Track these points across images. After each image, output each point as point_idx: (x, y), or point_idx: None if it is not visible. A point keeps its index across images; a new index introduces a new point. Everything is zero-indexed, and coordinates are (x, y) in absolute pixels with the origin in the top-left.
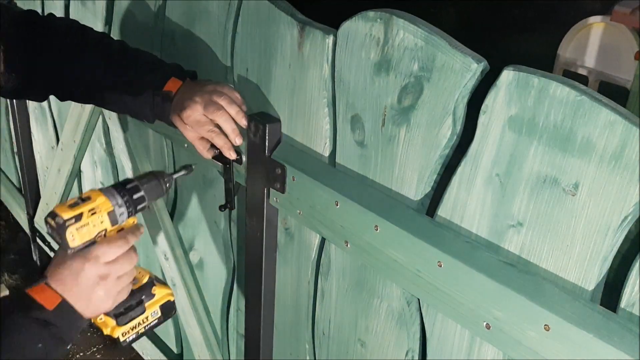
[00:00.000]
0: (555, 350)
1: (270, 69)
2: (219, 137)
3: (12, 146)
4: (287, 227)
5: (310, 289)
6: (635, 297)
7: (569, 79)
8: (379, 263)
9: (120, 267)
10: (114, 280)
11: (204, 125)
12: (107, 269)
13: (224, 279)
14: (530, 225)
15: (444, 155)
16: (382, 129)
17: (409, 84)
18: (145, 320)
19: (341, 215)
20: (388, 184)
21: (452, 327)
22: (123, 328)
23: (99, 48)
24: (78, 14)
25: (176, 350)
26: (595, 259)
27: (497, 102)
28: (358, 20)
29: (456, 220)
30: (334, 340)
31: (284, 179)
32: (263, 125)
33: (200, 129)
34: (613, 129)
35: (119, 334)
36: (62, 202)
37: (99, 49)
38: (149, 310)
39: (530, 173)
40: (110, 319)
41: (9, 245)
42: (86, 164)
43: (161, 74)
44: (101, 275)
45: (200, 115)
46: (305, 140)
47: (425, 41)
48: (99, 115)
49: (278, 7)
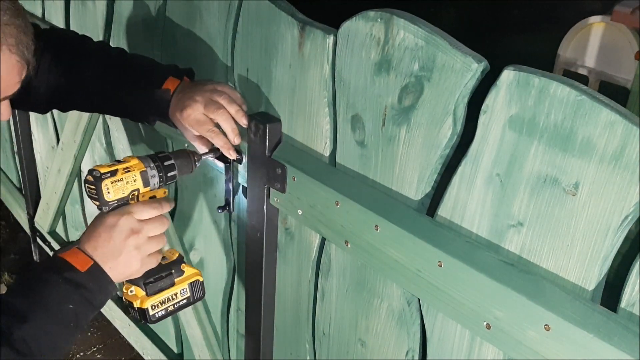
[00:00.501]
0: (556, 350)
1: (271, 68)
2: (219, 136)
3: (12, 146)
4: (288, 227)
5: (311, 289)
6: (635, 297)
7: (569, 78)
8: (379, 263)
9: (152, 228)
10: (145, 239)
11: (204, 125)
12: (140, 225)
13: (224, 278)
14: (531, 225)
15: (444, 155)
16: (383, 129)
17: (409, 84)
18: (174, 297)
19: (341, 215)
20: (388, 184)
21: (452, 327)
22: (152, 299)
23: (99, 57)
24: (78, 14)
25: (176, 350)
26: (596, 259)
27: (497, 102)
28: (358, 20)
29: (456, 220)
30: (334, 340)
31: (284, 178)
32: (263, 125)
33: (200, 128)
34: (613, 129)
35: (149, 305)
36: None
37: (99, 58)
38: (178, 286)
39: (530, 173)
40: (140, 289)
41: (9, 245)
42: (86, 164)
43: (158, 75)
44: (134, 229)
45: (200, 115)
46: (305, 140)
47: (425, 41)
48: (99, 115)
49: (278, 6)
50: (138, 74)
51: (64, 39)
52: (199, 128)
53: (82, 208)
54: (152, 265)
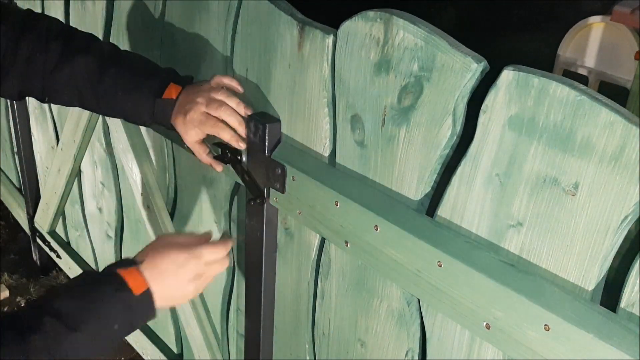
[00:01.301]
0: (555, 350)
1: (270, 68)
2: (225, 130)
3: (12, 146)
4: (287, 227)
5: (310, 289)
6: (635, 297)
7: (569, 79)
8: (379, 263)
9: (216, 269)
10: (207, 281)
11: (208, 121)
12: (205, 269)
13: (224, 278)
14: (530, 225)
15: (443, 155)
16: (382, 129)
17: (408, 84)
18: None
19: (341, 215)
20: (388, 184)
21: (452, 327)
22: None
23: (90, 51)
24: (78, 14)
25: (176, 350)
26: (595, 259)
27: (497, 102)
28: (358, 20)
29: (456, 220)
30: (334, 340)
31: (284, 179)
32: (263, 125)
33: (205, 127)
34: (613, 129)
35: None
36: None
37: (90, 52)
38: None
39: (530, 173)
40: None
41: (9, 245)
42: (86, 164)
43: (160, 80)
44: (199, 273)
45: (203, 115)
46: (305, 140)
47: (425, 41)
48: (99, 115)
49: (278, 6)
50: (137, 77)
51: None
52: (204, 127)
53: (82, 208)
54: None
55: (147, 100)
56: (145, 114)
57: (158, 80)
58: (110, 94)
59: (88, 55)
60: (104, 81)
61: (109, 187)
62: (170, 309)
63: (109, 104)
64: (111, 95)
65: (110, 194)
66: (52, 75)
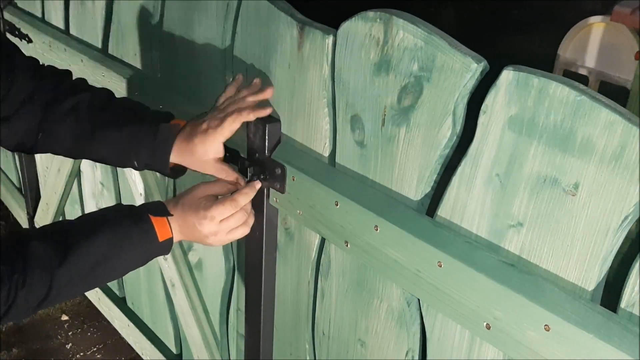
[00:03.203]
0: (555, 350)
1: (270, 69)
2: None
3: None
4: (287, 227)
5: (310, 289)
6: (635, 297)
7: (569, 79)
8: (379, 263)
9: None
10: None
11: (227, 118)
12: (219, 227)
13: (223, 279)
14: (530, 225)
15: (443, 155)
16: (382, 129)
17: (408, 84)
18: None
19: (341, 215)
20: (388, 184)
21: (452, 327)
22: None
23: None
24: (77, 14)
25: (175, 351)
26: (596, 259)
27: (497, 102)
28: (358, 20)
29: (456, 220)
30: (334, 340)
31: (284, 179)
32: (263, 125)
33: (225, 124)
34: (613, 129)
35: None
36: None
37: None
38: None
39: (530, 173)
40: None
41: None
42: (86, 164)
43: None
44: (212, 231)
45: (220, 116)
46: (305, 140)
47: (425, 41)
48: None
49: (277, 7)
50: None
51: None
52: (225, 124)
53: (82, 208)
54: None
55: (150, 126)
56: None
57: (162, 113)
58: (111, 122)
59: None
60: (104, 114)
61: (108, 187)
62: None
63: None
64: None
65: (110, 194)
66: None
